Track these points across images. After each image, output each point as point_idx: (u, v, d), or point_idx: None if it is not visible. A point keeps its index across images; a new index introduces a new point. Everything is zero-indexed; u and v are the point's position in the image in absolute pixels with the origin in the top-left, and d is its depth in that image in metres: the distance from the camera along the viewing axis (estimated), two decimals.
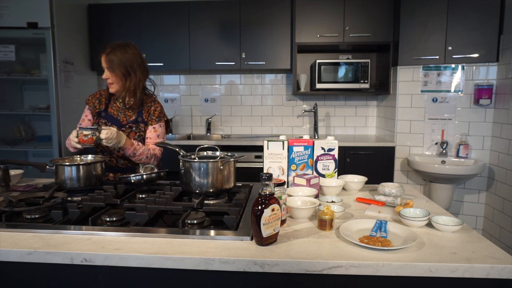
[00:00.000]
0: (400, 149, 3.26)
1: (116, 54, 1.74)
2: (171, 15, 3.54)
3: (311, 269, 0.91)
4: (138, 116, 1.83)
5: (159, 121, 1.86)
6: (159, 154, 1.84)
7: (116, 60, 1.73)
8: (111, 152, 1.81)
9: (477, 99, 2.96)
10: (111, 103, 1.85)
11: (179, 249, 0.97)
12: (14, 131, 3.45)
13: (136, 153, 1.73)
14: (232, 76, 3.95)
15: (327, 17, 3.35)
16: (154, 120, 1.84)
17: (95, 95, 1.87)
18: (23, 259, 0.97)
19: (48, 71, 3.14)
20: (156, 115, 1.85)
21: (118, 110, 1.84)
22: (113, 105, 1.84)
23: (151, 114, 1.84)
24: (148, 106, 1.85)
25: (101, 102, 1.85)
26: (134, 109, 1.84)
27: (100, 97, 1.87)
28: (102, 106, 1.84)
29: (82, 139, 1.57)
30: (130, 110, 1.83)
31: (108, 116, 1.82)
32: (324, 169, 1.59)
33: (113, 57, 1.73)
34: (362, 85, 3.39)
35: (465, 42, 2.96)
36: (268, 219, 0.98)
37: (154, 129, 1.84)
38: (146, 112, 1.84)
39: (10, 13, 3.08)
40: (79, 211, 1.19)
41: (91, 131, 1.58)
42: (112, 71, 1.74)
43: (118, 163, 1.84)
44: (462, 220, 1.18)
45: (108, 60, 1.73)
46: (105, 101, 1.85)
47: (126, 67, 1.75)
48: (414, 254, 0.94)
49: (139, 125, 1.82)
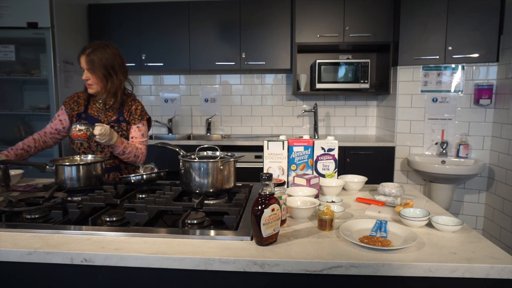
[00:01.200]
0: (400, 149, 3.26)
1: (97, 54, 1.71)
2: (171, 15, 3.54)
3: (311, 269, 0.91)
4: (119, 115, 1.83)
5: (141, 119, 1.86)
6: (146, 152, 1.85)
7: (97, 61, 1.71)
8: (93, 152, 1.80)
9: (477, 99, 2.96)
10: (91, 104, 1.84)
11: (179, 249, 0.97)
12: (14, 131, 3.45)
13: (126, 151, 1.73)
14: (232, 76, 3.95)
15: (327, 17, 3.35)
16: (137, 119, 1.84)
17: (72, 97, 1.86)
18: (23, 259, 0.97)
19: (48, 71, 3.14)
20: (138, 114, 1.85)
21: (98, 111, 1.83)
22: (92, 106, 1.83)
23: (132, 113, 1.84)
24: (128, 105, 1.84)
25: (80, 104, 1.84)
26: (115, 109, 1.83)
27: (78, 99, 1.85)
28: (81, 108, 1.83)
29: (76, 134, 1.58)
30: (111, 110, 1.83)
31: (89, 117, 1.81)
32: (324, 169, 1.59)
33: (94, 57, 1.70)
34: (362, 85, 3.39)
35: (465, 42, 2.96)
36: (268, 219, 0.98)
37: (138, 128, 1.84)
38: (127, 111, 1.84)
39: (10, 13, 3.08)
40: (79, 211, 1.19)
41: (85, 127, 1.59)
42: (93, 72, 1.71)
43: None
44: (462, 220, 1.18)
45: (89, 60, 1.70)
46: (84, 102, 1.83)
47: (107, 68, 1.73)
48: (414, 254, 0.94)
49: (121, 125, 1.82)
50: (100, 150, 1.81)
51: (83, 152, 1.81)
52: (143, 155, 1.84)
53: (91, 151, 1.81)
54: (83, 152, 1.81)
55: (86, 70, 1.72)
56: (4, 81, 3.36)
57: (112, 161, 1.83)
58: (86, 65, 1.72)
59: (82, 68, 1.74)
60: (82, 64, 1.73)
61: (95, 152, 1.81)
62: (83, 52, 1.73)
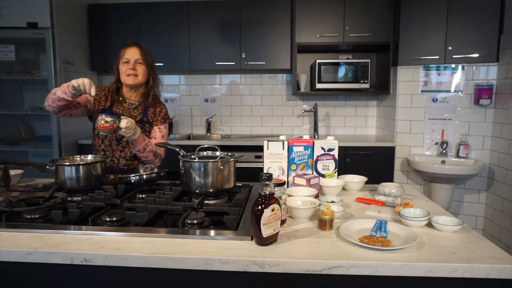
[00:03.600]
0: (400, 149, 3.26)
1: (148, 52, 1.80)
2: (171, 15, 3.54)
3: (311, 269, 0.91)
4: (143, 116, 1.83)
5: (164, 122, 1.87)
6: (163, 155, 1.84)
7: (149, 58, 1.80)
8: (113, 151, 1.80)
9: (477, 99, 2.96)
10: (116, 102, 1.83)
11: (179, 249, 0.97)
12: (14, 131, 3.45)
13: (146, 149, 1.72)
14: (232, 76, 3.95)
15: (327, 17, 3.35)
16: (159, 121, 1.86)
17: (103, 90, 1.84)
18: (23, 259, 0.97)
19: (48, 71, 3.14)
20: (162, 116, 1.87)
21: (123, 110, 1.83)
22: (118, 104, 1.83)
23: (157, 115, 1.86)
24: (154, 107, 1.86)
25: (107, 99, 1.83)
26: (140, 109, 1.84)
27: (107, 93, 1.84)
28: (107, 104, 1.82)
29: (102, 125, 1.55)
30: (136, 110, 1.83)
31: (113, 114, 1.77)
32: (324, 169, 1.59)
33: (147, 53, 1.79)
34: (362, 85, 3.39)
35: (465, 42, 2.96)
36: (268, 219, 0.98)
37: (160, 129, 1.85)
38: (151, 113, 1.85)
39: (10, 13, 3.08)
40: (79, 211, 1.19)
41: (112, 118, 1.56)
42: (144, 63, 1.77)
43: (119, 164, 1.82)
44: (462, 220, 1.18)
45: (142, 52, 1.77)
46: (111, 99, 1.83)
47: (152, 65, 1.82)
48: (414, 254, 0.94)
49: (144, 125, 1.82)
50: (121, 149, 1.80)
51: (102, 150, 1.81)
52: (162, 157, 1.83)
53: (111, 149, 1.80)
54: (102, 149, 1.81)
55: (134, 61, 1.75)
56: (4, 81, 3.36)
57: (131, 162, 1.83)
58: (138, 56, 1.76)
59: (126, 58, 1.76)
60: (130, 55, 1.76)
61: (115, 151, 1.80)
62: (132, 45, 1.78)
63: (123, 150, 1.80)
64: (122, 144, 1.80)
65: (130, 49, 1.76)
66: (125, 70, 1.76)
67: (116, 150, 1.80)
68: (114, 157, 1.82)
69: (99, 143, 1.81)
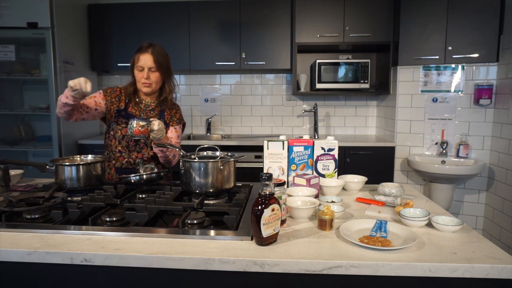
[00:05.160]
0: (400, 149, 3.26)
1: (161, 54, 1.73)
2: (171, 15, 3.54)
3: (311, 269, 0.91)
4: (160, 117, 1.83)
5: (179, 123, 1.88)
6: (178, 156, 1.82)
7: (163, 61, 1.73)
8: (130, 152, 1.78)
9: (477, 99, 2.96)
10: (132, 103, 1.81)
11: (179, 249, 0.97)
12: (14, 131, 3.45)
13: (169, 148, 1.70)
14: (232, 76, 3.95)
15: (327, 17, 3.35)
16: (175, 121, 1.86)
17: (114, 91, 1.81)
18: (23, 259, 0.97)
19: (48, 71, 3.14)
20: (177, 117, 1.88)
21: (140, 111, 1.81)
22: (134, 105, 1.81)
23: (173, 116, 1.86)
24: (170, 108, 1.86)
25: (121, 100, 1.80)
26: (156, 110, 1.83)
27: (120, 94, 1.81)
28: (121, 104, 1.79)
29: (139, 130, 1.52)
30: (152, 111, 1.83)
31: (129, 115, 1.77)
32: (324, 169, 1.59)
33: (160, 57, 1.71)
34: (362, 85, 3.39)
35: (465, 42, 2.96)
36: (268, 219, 0.98)
37: (175, 129, 1.85)
38: (168, 114, 1.85)
39: (10, 13, 3.08)
40: (79, 211, 1.19)
41: (145, 122, 1.53)
42: (157, 71, 1.72)
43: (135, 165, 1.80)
44: (462, 220, 1.18)
45: (156, 60, 1.70)
46: (125, 99, 1.81)
47: (168, 69, 1.78)
48: (414, 254, 0.94)
49: None
50: (138, 150, 1.79)
51: (119, 151, 1.78)
52: (176, 158, 1.82)
53: (128, 150, 1.78)
54: (119, 151, 1.78)
55: (147, 69, 1.70)
56: (4, 81, 3.36)
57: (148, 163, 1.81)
58: (151, 64, 1.70)
59: (140, 66, 1.71)
60: (144, 63, 1.70)
61: (131, 152, 1.78)
62: (145, 51, 1.71)
63: (140, 151, 1.79)
64: (140, 145, 1.79)
65: (144, 56, 1.71)
66: (140, 78, 1.73)
67: (133, 151, 1.79)
68: (131, 158, 1.79)
69: (115, 144, 1.78)
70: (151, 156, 1.81)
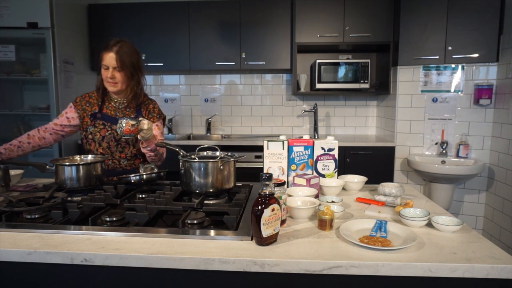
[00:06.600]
0: (400, 149, 3.26)
1: (125, 51, 1.67)
2: (171, 15, 3.54)
3: (311, 269, 0.91)
4: (137, 114, 1.81)
5: (159, 118, 1.86)
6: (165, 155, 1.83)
7: (126, 59, 1.67)
8: (112, 153, 1.78)
9: (477, 99, 2.96)
10: (105, 103, 1.80)
11: (179, 249, 0.97)
12: (14, 131, 3.45)
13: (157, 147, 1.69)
14: (232, 76, 3.95)
15: (327, 17, 3.35)
16: (155, 117, 1.84)
17: (84, 98, 1.80)
18: (23, 259, 0.97)
19: (48, 71, 3.14)
20: (157, 113, 1.85)
21: (115, 110, 1.79)
22: (108, 105, 1.80)
23: (151, 111, 1.84)
24: (146, 104, 1.84)
25: (92, 104, 1.79)
26: (132, 107, 1.81)
27: (90, 99, 1.80)
28: (94, 108, 1.78)
29: (129, 130, 1.50)
30: (128, 109, 1.81)
31: (105, 116, 1.77)
32: (324, 169, 1.59)
33: (123, 55, 1.66)
34: (362, 85, 3.40)
35: (465, 42, 2.96)
36: (268, 219, 0.98)
37: (157, 126, 1.83)
38: (145, 110, 1.83)
39: (10, 13, 3.08)
40: (79, 211, 1.19)
41: (135, 122, 1.52)
42: (121, 70, 1.67)
43: (121, 165, 1.81)
44: (462, 220, 1.18)
45: (119, 58, 1.65)
46: (97, 102, 1.79)
47: (134, 66, 1.71)
48: (414, 254, 0.94)
49: None
50: (120, 150, 1.78)
51: (100, 154, 1.76)
52: (163, 156, 1.81)
53: (110, 151, 1.77)
54: (100, 153, 1.77)
55: (112, 68, 1.67)
56: (4, 81, 3.36)
57: (132, 161, 1.82)
58: (115, 63, 1.65)
59: (105, 65, 1.67)
60: (108, 62, 1.66)
61: (114, 153, 1.78)
62: (110, 50, 1.66)
63: (122, 150, 1.79)
64: (122, 144, 1.78)
65: (108, 55, 1.66)
66: (105, 77, 1.70)
67: (115, 152, 1.78)
68: (115, 159, 1.79)
69: (96, 147, 1.77)
70: (134, 155, 1.81)
